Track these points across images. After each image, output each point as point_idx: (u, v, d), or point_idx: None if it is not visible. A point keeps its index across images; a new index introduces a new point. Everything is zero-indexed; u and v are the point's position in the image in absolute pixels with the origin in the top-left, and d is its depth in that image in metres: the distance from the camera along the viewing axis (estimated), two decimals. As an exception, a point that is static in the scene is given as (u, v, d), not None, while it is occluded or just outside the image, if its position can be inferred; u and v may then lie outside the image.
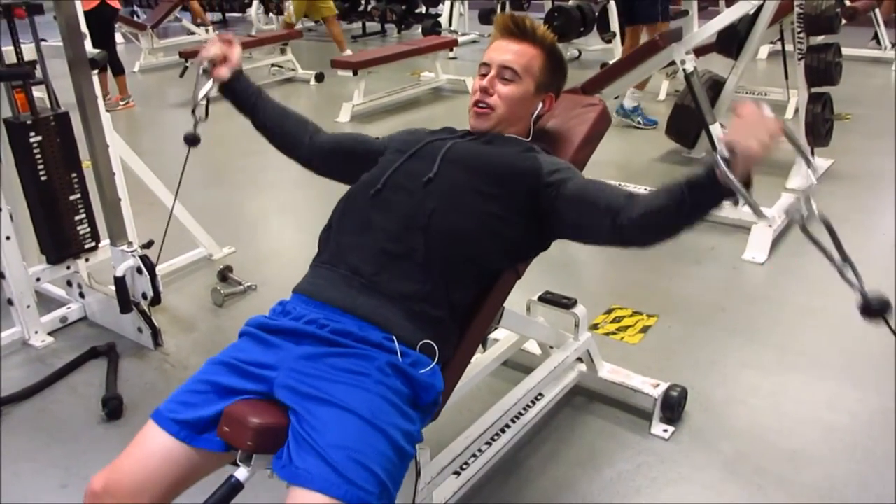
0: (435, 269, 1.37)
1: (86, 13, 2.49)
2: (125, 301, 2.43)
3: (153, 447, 1.25)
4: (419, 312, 1.35)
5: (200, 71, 1.68)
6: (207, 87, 1.68)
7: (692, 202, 1.24)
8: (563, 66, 1.65)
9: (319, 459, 1.14)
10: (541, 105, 1.61)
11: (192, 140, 1.73)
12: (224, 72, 1.68)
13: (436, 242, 1.37)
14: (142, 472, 1.23)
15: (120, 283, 2.41)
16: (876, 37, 6.51)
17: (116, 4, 5.62)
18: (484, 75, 1.57)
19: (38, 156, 2.40)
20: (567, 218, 1.43)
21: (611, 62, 5.25)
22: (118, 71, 5.89)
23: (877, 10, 6.18)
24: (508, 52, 1.56)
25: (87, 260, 2.64)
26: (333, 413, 1.20)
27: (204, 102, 1.67)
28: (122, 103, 5.98)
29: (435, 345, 1.34)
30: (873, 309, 1.10)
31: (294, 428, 1.21)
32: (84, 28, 2.38)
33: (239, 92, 1.71)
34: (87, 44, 2.41)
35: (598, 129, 1.73)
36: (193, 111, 1.67)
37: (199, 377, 1.32)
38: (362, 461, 1.15)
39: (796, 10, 3.52)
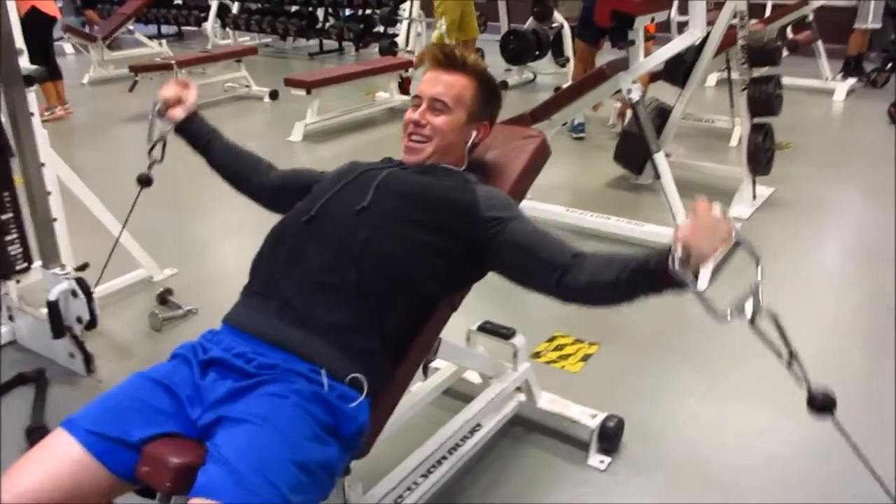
0: (367, 298, 1.36)
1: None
2: (58, 326, 2.36)
3: (61, 457, 1.18)
4: (349, 344, 1.34)
5: (155, 111, 1.73)
6: (162, 128, 1.74)
7: (642, 287, 1.26)
8: (497, 94, 1.67)
9: (221, 466, 1.13)
10: (475, 134, 1.62)
11: (145, 181, 1.81)
12: (178, 112, 1.74)
13: (368, 272, 1.37)
14: (47, 482, 1.15)
15: (53, 306, 2.33)
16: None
17: (53, 12, 5.48)
18: (416, 107, 1.58)
19: (-32, 174, 2.32)
20: (506, 261, 1.44)
21: (564, 86, 5.32)
22: (56, 76, 5.78)
23: (819, 42, 6.38)
24: (439, 83, 1.57)
25: (17, 281, 2.56)
26: (245, 428, 1.18)
27: (160, 145, 1.74)
28: (57, 110, 5.82)
29: (364, 378, 1.33)
30: (818, 404, 1.14)
31: (209, 451, 1.18)
32: (20, 43, 2.32)
33: (193, 132, 1.76)
34: (24, 59, 2.34)
35: (537, 161, 1.75)
36: (150, 152, 1.74)
37: (128, 391, 1.28)
38: (266, 474, 1.13)
39: (740, 41, 3.62)
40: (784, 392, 1.43)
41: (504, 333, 2.02)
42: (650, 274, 1.23)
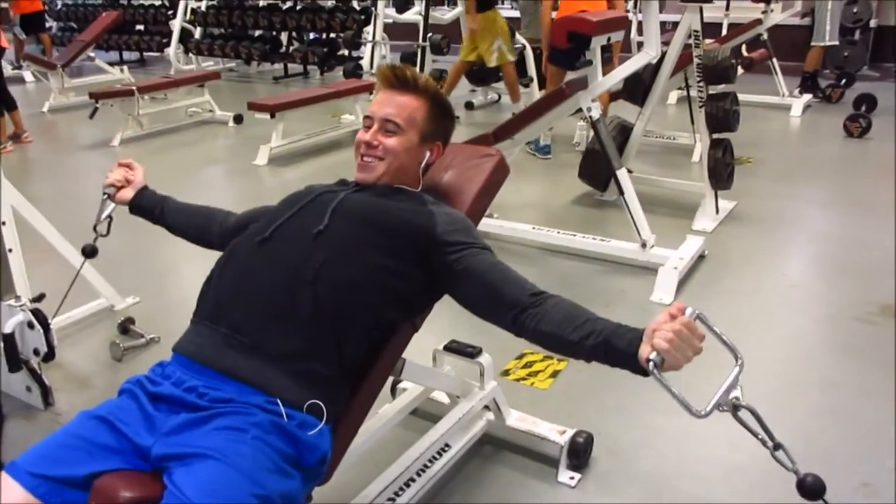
0: (322, 323, 1.33)
1: None
2: (14, 359, 2.29)
3: (3, 501, 1.15)
4: (305, 372, 1.31)
5: (104, 196, 1.82)
6: (109, 209, 1.85)
7: (602, 359, 1.25)
8: (450, 113, 1.66)
9: None
10: (428, 154, 1.61)
11: (90, 253, 1.98)
12: (127, 194, 1.82)
13: (324, 296, 1.34)
14: None
15: (8, 339, 2.27)
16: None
17: (3, 43, 5.56)
18: (368, 128, 1.57)
19: (-82, 205, 2.27)
20: (464, 291, 1.43)
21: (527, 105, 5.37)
22: (11, 107, 5.69)
23: (774, 60, 6.53)
24: (391, 104, 1.56)
25: (-28, 315, 2.48)
26: (205, 465, 1.15)
27: (107, 221, 1.86)
28: (8, 145, 5.69)
29: (322, 404, 1.30)
30: (807, 489, 1.15)
31: (167, 488, 1.15)
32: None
33: (144, 208, 1.82)
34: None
35: (495, 180, 1.75)
36: (95, 228, 1.85)
37: (72, 430, 1.24)
38: None
39: (695, 60, 3.70)
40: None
41: (470, 352, 2.01)
42: (617, 355, 1.21)
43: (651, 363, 1.14)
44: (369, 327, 1.41)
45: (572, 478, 1.99)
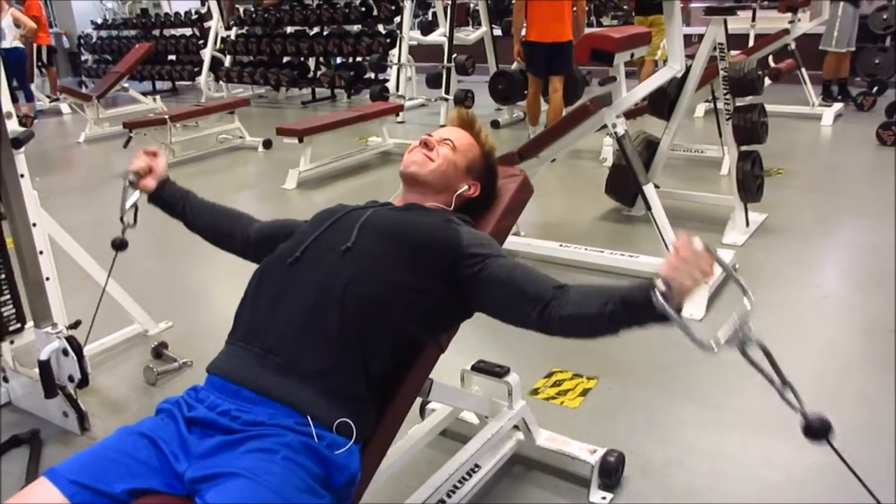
0: (350, 340, 1.35)
1: None
2: (50, 385, 2.34)
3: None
4: (335, 390, 1.32)
5: (126, 183, 1.78)
6: (134, 197, 1.80)
7: (625, 320, 1.28)
8: (494, 173, 1.76)
9: None
10: (466, 186, 1.67)
11: (119, 245, 1.93)
12: (150, 183, 1.80)
13: (351, 313, 1.36)
14: None
15: (44, 366, 2.32)
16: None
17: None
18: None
19: (-41, 237, 2.34)
20: (491, 298, 1.45)
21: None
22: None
23: (802, 70, 6.46)
24: (453, 133, 1.70)
25: (11, 342, 2.55)
26: (235, 483, 1.16)
27: (132, 211, 1.81)
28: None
29: (352, 423, 1.31)
30: (814, 430, 1.14)
31: None
32: (8, 106, 2.37)
33: (166, 199, 1.81)
34: (12, 122, 2.38)
35: (520, 199, 1.76)
36: (122, 219, 1.82)
37: (112, 445, 1.27)
38: None
39: (721, 73, 3.68)
40: (784, 421, 1.42)
41: (497, 372, 2.01)
42: (633, 307, 1.24)
43: (656, 291, 1.14)
44: (395, 345, 1.42)
45: (604, 497, 1.97)
